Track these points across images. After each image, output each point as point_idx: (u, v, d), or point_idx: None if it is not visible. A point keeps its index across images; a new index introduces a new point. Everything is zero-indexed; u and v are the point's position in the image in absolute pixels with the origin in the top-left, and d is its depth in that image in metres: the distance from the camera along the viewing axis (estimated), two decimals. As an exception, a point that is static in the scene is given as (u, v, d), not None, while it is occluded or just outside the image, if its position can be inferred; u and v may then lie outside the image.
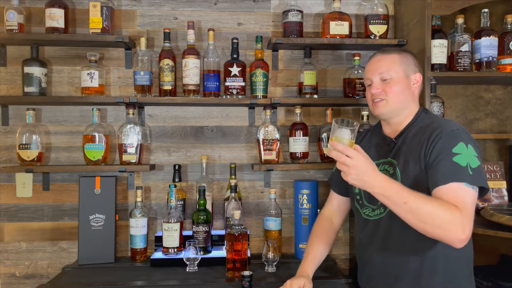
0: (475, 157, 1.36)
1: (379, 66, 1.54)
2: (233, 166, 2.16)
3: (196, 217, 2.03)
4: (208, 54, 2.13)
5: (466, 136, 1.40)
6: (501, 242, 2.08)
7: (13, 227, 2.20)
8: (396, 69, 1.52)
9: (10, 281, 2.19)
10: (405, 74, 1.53)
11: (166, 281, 1.81)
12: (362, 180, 1.29)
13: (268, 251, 1.88)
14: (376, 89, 1.53)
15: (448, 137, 1.39)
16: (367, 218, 1.56)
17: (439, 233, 1.28)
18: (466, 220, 1.28)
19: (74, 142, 2.22)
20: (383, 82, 1.53)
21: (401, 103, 1.53)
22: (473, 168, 1.33)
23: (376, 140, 1.64)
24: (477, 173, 1.34)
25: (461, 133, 1.40)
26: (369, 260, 1.57)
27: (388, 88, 1.51)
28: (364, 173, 1.29)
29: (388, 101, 1.51)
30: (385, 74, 1.52)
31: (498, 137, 2.34)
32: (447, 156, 1.35)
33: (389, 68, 1.52)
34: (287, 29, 2.17)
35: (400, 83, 1.52)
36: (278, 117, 2.31)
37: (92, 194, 2.08)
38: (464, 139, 1.38)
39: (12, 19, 2.05)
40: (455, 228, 1.26)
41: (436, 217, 1.26)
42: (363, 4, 2.33)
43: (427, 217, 1.27)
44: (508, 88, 2.41)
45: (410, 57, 1.58)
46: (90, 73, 2.08)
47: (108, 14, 2.08)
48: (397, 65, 1.53)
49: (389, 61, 1.54)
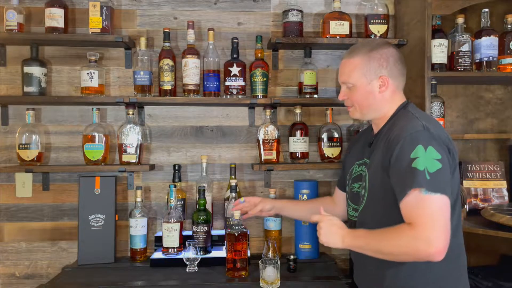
0: (436, 160, 1.24)
1: (341, 72, 1.51)
2: (233, 166, 2.16)
3: (196, 217, 2.03)
4: (208, 54, 2.13)
5: (426, 137, 1.28)
6: (501, 242, 2.08)
7: (13, 227, 2.20)
8: (356, 76, 1.45)
9: (10, 281, 2.19)
10: (366, 79, 1.44)
11: (166, 281, 1.81)
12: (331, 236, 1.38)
13: (268, 251, 1.88)
14: (342, 96, 1.52)
15: (406, 142, 1.29)
16: (350, 218, 1.57)
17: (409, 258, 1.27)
18: (427, 234, 1.18)
19: (73, 142, 2.22)
20: (349, 89, 1.49)
21: (369, 108, 1.48)
22: (431, 173, 1.22)
23: (364, 139, 1.63)
24: (435, 177, 1.22)
25: (420, 135, 1.29)
26: (355, 260, 1.59)
27: (352, 96, 1.48)
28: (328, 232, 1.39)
29: (356, 108, 1.50)
30: (347, 82, 1.48)
31: (498, 137, 2.33)
32: (404, 162, 1.27)
33: (349, 76, 1.47)
34: (287, 29, 2.17)
35: (361, 90, 1.46)
36: (278, 117, 2.31)
37: (92, 194, 2.08)
38: (423, 141, 1.27)
39: (12, 19, 2.05)
40: (417, 248, 1.19)
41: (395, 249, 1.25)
42: (363, 3, 2.32)
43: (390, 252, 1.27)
44: (508, 88, 2.41)
45: (377, 57, 1.44)
46: (90, 73, 2.07)
47: (108, 14, 2.08)
48: (357, 71, 1.45)
49: (350, 67, 1.47)
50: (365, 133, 1.68)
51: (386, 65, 1.44)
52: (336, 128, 2.20)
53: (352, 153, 1.67)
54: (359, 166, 1.55)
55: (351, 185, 1.57)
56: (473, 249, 1.54)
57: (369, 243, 1.31)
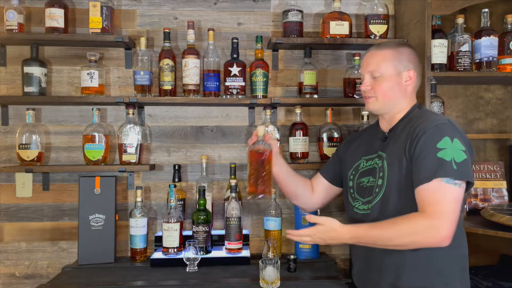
0: (462, 151, 1.34)
1: (370, 62, 1.54)
2: (233, 166, 2.16)
3: (196, 217, 2.03)
4: (208, 54, 2.13)
5: (452, 130, 1.37)
6: (501, 242, 2.08)
7: (13, 227, 2.20)
8: (386, 66, 1.51)
9: (10, 281, 2.19)
10: (396, 71, 1.51)
11: (166, 281, 1.81)
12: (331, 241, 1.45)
13: (268, 251, 1.88)
14: (365, 86, 1.54)
15: (432, 132, 1.37)
16: (356, 212, 1.56)
17: (418, 245, 1.35)
18: (437, 220, 1.29)
19: (74, 142, 2.22)
20: (373, 79, 1.53)
21: (391, 100, 1.52)
22: (458, 163, 1.32)
23: (371, 135, 1.65)
24: (462, 167, 1.32)
25: (446, 127, 1.38)
26: (358, 255, 1.59)
27: (377, 86, 1.52)
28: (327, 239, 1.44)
29: (378, 98, 1.52)
30: (375, 71, 1.52)
31: (498, 137, 2.33)
32: (431, 151, 1.34)
33: (378, 66, 1.51)
34: (287, 29, 2.17)
35: (389, 81, 1.51)
36: (278, 117, 2.31)
37: (92, 194, 2.08)
38: (449, 133, 1.36)
39: (12, 19, 2.05)
40: (426, 233, 1.30)
41: (405, 237, 1.33)
42: (363, 4, 2.32)
43: (399, 241, 1.34)
44: (508, 88, 2.41)
45: (406, 52, 1.54)
46: (90, 73, 2.07)
47: (108, 14, 2.08)
48: (388, 61, 1.51)
49: (380, 57, 1.52)
50: (368, 131, 1.71)
51: (414, 61, 1.54)
52: (336, 128, 2.20)
53: (355, 149, 1.68)
54: (368, 160, 1.57)
55: (359, 180, 1.58)
56: (473, 249, 1.53)
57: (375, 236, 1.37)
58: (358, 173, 1.59)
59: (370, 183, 1.51)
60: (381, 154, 1.51)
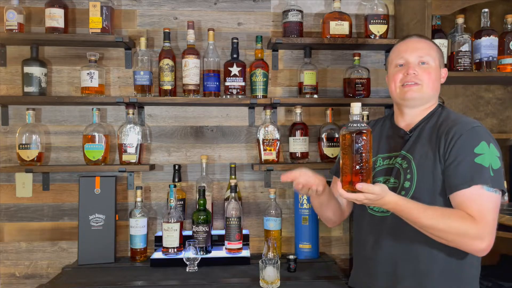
0: (497, 158, 1.29)
1: (419, 47, 1.44)
2: (233, 166, 2.16)
3: (196, 217, 2.03)
4: (208, 54, 2.13)
5: (487, 135, 1.33)
6: (501, 242, 2.07)
7: (13, 227, 2.20)
8: (434, 56, 1.45)
9: (10, 281, 2.19)
10: (440, 64, 1.47)
11: (166, 281, 1.81)
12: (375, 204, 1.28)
13: (268, 251, 1.88)
14: (413, 70, 1.41)
15: (469, 136, 1.31)
16: (372, 214, 1.48)
17: (457, 245, 1.27)
18: (484, 230, 1.23)
19: (74, 142, 2.22)
20: (420, 66, 1.43)
21: (432, 92, 1.45)
22: (495, 170, 1.27)
23: (389, 131, 1.55)
24: (498, 175, 1.26)
25: (482, 131, 1.33)
26: (369, 257, 1.48)
27: (426, 74, 1.42)
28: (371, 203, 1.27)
29: (423, 86, 1.42)
30: (425, 57, 1.43)
31: (498, 137, 2.32)
32: (469, 156, 1.28)
33: (428, 53, 1.44)
34: (287, 29, 2.17)
35: (436, 71, 1.45)
36: (278, 117, 2.31)
37: (92, 194, 2.08)
38: (486, 138, 1.31)
39: (12, 19, 2.05)
40: (472, 241, 1.24)
41: (449, 233, 1.25)
42: (363, 4, 2.33)
43: (441, 233, 1.25)
44: (508, 88, 2.41)
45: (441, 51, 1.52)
46: (90, 73, 2.08)
47: (108, 14, 2.08)
48: (435, 52, 1.46)
49: (428, 45, 1.47)
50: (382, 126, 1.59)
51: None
52: (336, 128, 2.20)
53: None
54: (385, 159, 1.49)
55: (375, 179, 1.47)
56: (473, 249, 1.54)
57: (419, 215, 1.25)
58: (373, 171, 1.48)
59: (391, 184, 1.42)
60: (406, 154, 1.42)
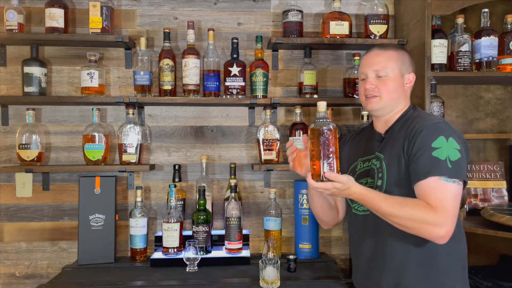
0: (456, 150, 1.36)
1: (376, 61, 1.53)
2: (233, 166, 2.16)
3: (196, 217, 2.03)
4: (208, 54, 2.13)
5: (449, 130, 1.40)
6: (501, 242, 2.08)
7: (13, 227, 2.20)
8: (392, 67, 1.52)
9: (10, 281, 2.19)
10: (400, 72, 1.53)
11: (166, 281, 1.81)
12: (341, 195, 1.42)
13: (268, 251, 1.88)
14: (370, 84, 1.53)
15: (428, 132, 1.39)
16: (356, 213, 1.57)
17: (417, 233, 1.35)
18: (443, 217, 1.30)
19: (74, 142, 2.22)
20: (378, 79, 1.52)
21: (394, 101, 1.53)
22: (453, 161, 1.34)
23: (367, 136, 1.66)
24: (457, 166, 1.34)
25: (443, 126, 1.41)
26: (359, 255, 1.59)
27: (382, 86, 1.51)
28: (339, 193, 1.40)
29: (382, 98, 1.52)
30: (381, 71, 1.51)
31: (498, 137, 2.33)
32: (427, 150, 1.36)
33: (385, 65, 1.52)
34: (287, 29, 2.17)
35: (395, 81, 1.52)
36: (278, 117, 2.31)
37: (92, 194, 2.08)
38: (445, 133, 1.38)
39: (12, 19, 2.05)
40: (431, 227, 1.31)
41: (409, 220, 1.33)
42: (363, 4, 2.33)
43: (402, 220, 1.34)
44: (508, 88, 2.41)
45: (406, 55, 1.57)
46: (90, 73, 2.08)
47: (108, 14, 2.08)
48: (394, 62, 1.52)
49: (386, 57, 1.53)
50: (363, 133, 1.72)
51: (412, 64, 1.59)
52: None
53: (350, 151, 1.68)
54: (365, 162, 1.58)
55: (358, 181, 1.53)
56: (473, 249, 1.54)
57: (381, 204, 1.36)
58: (355, 175, 1.59)
59: (369, 184, 1.51)
60: (378, 155, 1.52)
